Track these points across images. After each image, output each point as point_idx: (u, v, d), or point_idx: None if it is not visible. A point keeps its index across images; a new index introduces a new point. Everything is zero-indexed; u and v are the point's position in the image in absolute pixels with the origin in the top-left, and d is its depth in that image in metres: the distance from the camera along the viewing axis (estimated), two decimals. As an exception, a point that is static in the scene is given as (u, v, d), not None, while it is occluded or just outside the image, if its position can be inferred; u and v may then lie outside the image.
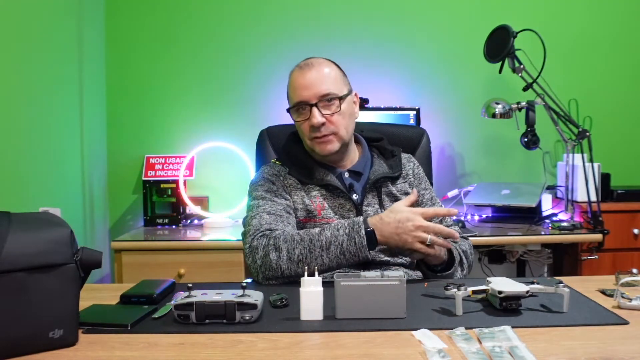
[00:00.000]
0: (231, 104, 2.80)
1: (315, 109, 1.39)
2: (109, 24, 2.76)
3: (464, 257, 1.45)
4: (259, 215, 1.38)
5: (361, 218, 1.30)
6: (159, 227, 2.61)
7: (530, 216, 2.45)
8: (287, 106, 1.51)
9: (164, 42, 2.78)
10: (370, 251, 1.29)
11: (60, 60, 2.30)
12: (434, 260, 1.35)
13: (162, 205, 2.70)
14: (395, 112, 2.62)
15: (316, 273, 1.06)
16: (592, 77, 2.85)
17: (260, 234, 1.33)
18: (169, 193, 2.63)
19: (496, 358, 0.84)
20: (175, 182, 2.61)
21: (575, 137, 2.38)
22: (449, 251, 1.39)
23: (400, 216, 1.27)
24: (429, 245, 1.28)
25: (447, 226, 1.54)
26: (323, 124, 1.40)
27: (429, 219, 1.29)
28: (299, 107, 1.42)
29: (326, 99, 1.40)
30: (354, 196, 1.46)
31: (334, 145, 1.43)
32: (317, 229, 1.31)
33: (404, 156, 1.59)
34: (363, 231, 1.27)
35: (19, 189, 1.98)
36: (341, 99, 1.42)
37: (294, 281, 1.26)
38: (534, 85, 2.37)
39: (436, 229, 1.28)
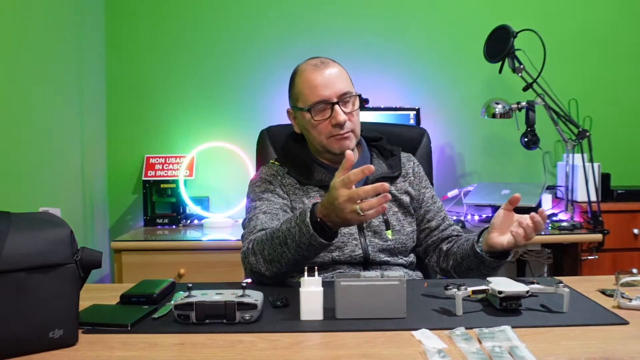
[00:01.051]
0: (231, 104, 2.80)
1: (337, 107, 1.38)
2: (109, 25, 2.76)
3: None
4: (255, 217, 1.38)
5: (310, 205, 1.22)
6: (159, 227, 2.61)
7: (530, 216, 2.44)
8: (288, 107, 1.51)
9: (164, 43, 2.78)
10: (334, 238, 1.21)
11: (61, 61, 2.30)
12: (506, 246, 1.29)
13: (162, 205, 2.70)
14: (395, 112, 2.62)
15: (316, 273, 1.05)
16: (592, 77, 2.85)
17: (252, 237, 1.34)
18: (169, 193, 2.63)
19: (496, 358, 0.84)
20: (175, 182, 2.61)
21: (575, 137, 2.38)
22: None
23: (330, 197, 1.15)
24: (364, 215, 1.14)
25: (449, 226, 1.54)
26: (346, 120, 1.39)
27: (354, 184, 1.14)
28: (317, 106, 1.39)
29: (345, 98, 1.40)
30: (353, 197, 1.46)
31: (352, 142, 1.44)
32: (279, 223, 1.27)
33: (404, 155, 1.59)
34: (308, 219, 1.17)
35: (19, 189, 1.98)
36: (356, 97, 1.43)
37: (294, 282, 1.26)
38: (534, 85, 2.37)
39: (367, 191, 1.12)
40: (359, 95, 1.45)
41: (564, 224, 2.32)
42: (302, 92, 1.42)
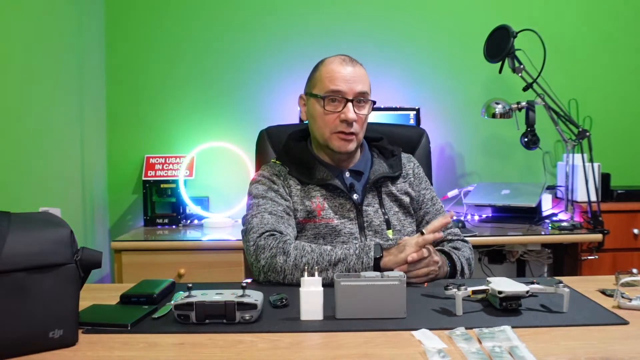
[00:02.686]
0: (231, 104, 2.80)
1: (350, 104, 1.40)
2: (109, 24, 2.76)
3: (466, 267, 1.44)
4: (260, 215, 1.38)
5: (371, 243, 1.30)
6: (159, 227, 2.60)
7: (530, 216, 2.45)
8: (295, 97, 1.52)
9: (164, 43, 2.78)
10: None
11: (60, 60, 2.30)
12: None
13: (162, 205, 2.70)
14: (395, 112, 2.62)
15: (316, 274, 1.06)
16: (592, 77, 2.85)
17: (268, 234, 1.33)
18: (169, 193, 2.63)
19: (496, 358, 0.84)
20: (175, 182, 2.61)
21: (575, 137, 2.38)
22: (452, 264, 1.39)
23: (400, 249, 1.29)
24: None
25: (447, 228, 1.54)
26: (355, 120, 1.41)
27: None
28: (332, 97, 1.41)
29: (361, 99, 1.42)
30: (355, 196, 1.46)
31: (353, 145, 1.45)
32: (329, 246, 1.31)
33: (404, 156, 1.59)
34: (372, 254, 1.26)
35: (19, 189, 1.98)
36: (370, 102, 1.45)
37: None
38: (534, 85, 2.37)
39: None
40: (374, 102, 1.46)
41: (564, 224, 2.32)
42: (322, 80, 1.43)
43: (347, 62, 1.43)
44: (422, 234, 1.29)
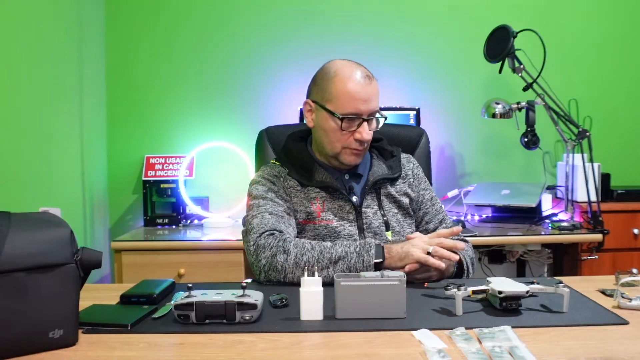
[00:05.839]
0: (231, 104, 2.80)
1: (366, 124, 1.40)
2: (109, 25, 2.76)
3: (470, 266, 1.45)
4: (261, 215, 1.38)
5: (372, 241, 1.29)
6: (159, 227, 2.60)
7: (530, 216, 2.45)
8: (303, 99, 1.50)
9: (164, 43, 2.78)
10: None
11: (61, 61, 2.30)
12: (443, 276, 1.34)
13: (162, 205, 2.70)
14: (395, 112, 2.62)
15: (316, 274, 1.06)
16: (592, 77, 2.85)
17: (268, 233, 1.33)
18: (169, 193, 2.63)
19: (496, 358, 0.84)
20: (175, 182, 2.61)
21: (575, 137, 2.38)
22: (459, 264, 1.39)
23: (405, 249, 1.28)
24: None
25: (446, 227, 1.54)
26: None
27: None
28: (349, 117, 1.39)
29: (374, 116, 1.43)
30: (354, 198, 1.46)
31: (362, 158, 1.47)
32: (329, 243, 1.31)
33: (404, 156, 1.59)
34: (373, 251, 1.26)
35: (19, 189, 1.98)
36: (382, 118, 1.46)
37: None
38: (534, 85, 2.37)
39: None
40: (385, 118, 1.46)
41: (564, 224, 2.32)
42: (339, 97, 1.39)
43: (366, 80, 1.40)
44: (429, 253, 1.27)
